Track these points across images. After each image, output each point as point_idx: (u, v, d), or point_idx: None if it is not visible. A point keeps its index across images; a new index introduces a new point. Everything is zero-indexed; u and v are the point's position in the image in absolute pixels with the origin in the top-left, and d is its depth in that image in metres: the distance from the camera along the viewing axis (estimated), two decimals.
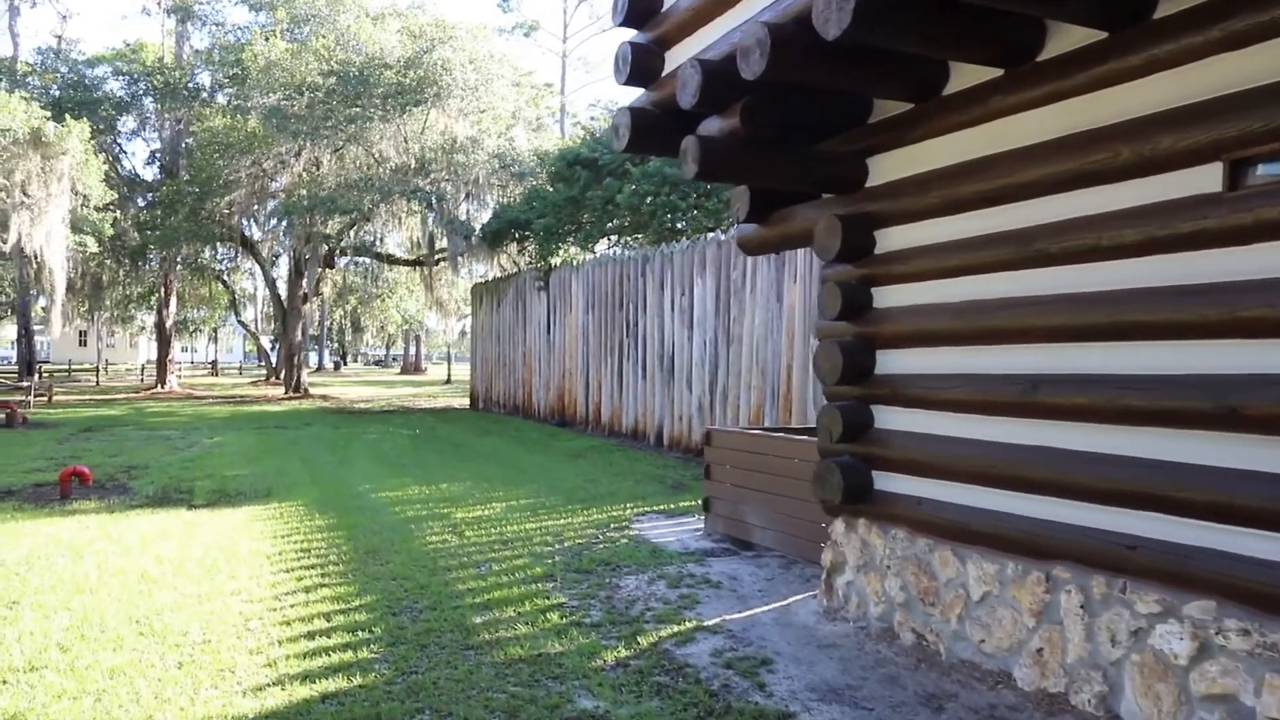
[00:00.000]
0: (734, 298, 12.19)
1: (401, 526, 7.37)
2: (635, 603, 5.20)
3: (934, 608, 4.39)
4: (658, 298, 14.18)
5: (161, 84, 24.67)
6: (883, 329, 4.83)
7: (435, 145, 21.32)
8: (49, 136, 16.01)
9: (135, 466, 11.29)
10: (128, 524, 7.45)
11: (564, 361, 17.80)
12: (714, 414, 12.56)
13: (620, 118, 5.18)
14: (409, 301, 39.06)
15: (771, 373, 11.35)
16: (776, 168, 4.83)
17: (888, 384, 4.80)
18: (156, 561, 6.07)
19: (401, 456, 12.69)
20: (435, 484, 9.90)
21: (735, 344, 12.12)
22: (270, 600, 5.19)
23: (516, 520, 7.71)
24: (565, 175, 18.43)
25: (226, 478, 10.36)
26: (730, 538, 6.88)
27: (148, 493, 9.29)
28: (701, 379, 12.86)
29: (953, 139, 4.38)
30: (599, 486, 9.73)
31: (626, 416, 15.13)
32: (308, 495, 9.09)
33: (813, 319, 10.63)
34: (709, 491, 7.17)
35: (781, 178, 4.96)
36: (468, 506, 8.43)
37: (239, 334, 65.99)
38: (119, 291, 32.71)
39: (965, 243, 4.32)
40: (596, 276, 16.35)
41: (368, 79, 20.23)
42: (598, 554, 6.35)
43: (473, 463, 11.95)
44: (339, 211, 20.46)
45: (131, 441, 14.36)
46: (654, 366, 14.20)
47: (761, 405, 11.51)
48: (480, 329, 23.41)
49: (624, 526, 7.43)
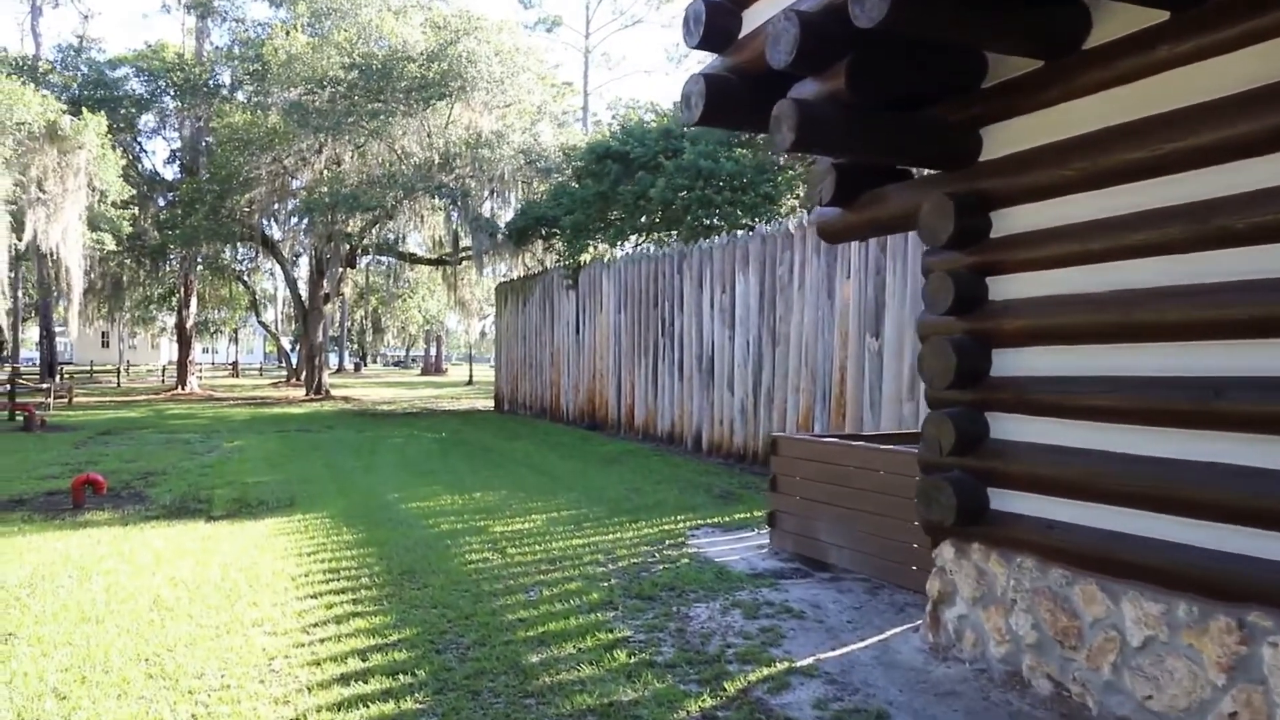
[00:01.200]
0: (780, 295, 11.52)
1: (436, 542, 6.77)
2: (711, 637, 4.56)
3: (1076, 651, 3.72)
4: (696, 295, 13.53)
5: (181, 80, 24.24)
6: (1002, 325, 4.17)
7: (459, 140, 20.75)
8: (65, 130, 15.53)
9: (152, 473, 10.76)
10: (141, 539, 6.88)
11: (594, 362, 17.19)
12: (758, 417, 11.90)
13: (692, 86, 4.52)
14: (430, 302, 38.56)
15: (822, 374, 10.68)
16: (884, 138, 4.18)
17: (1008, 388, 4.13)
18: (171, 584, 5.48)
19: (429, 462, 12.10)
20: (468, 493, 9.30)
21: (781, 344, 11.46)
22: (297, 633, 4.59)
23: (561, 535, 7.08)
24: (594, 170, 17.80)
25: (247, 485, 9.80)
26: (801, 557, 6.23)
27: (164, 502, 8.74)
28: (744, 381, 12.20)
29: (1098, 100, 3.71)
30: (643, 496, 9.10)
31: (662, 419, 14.49)
32: (333, 505, 8.51)
33: (868, 317, 9.96)
34: (775, 505, 6.52)
35: (887, 149, 4.31)
36: (505, 519, 7.81)
37: (259, 335, 65.92)
38: (139, 292, 32.40)
39: (1114, 222, 3.65)
40: (629, 274, 15.73)
41: (390, 72, 19.69)
42: (659, 576, 5.70)
43: (505, 469, 11.34)
44: (361, 209, 19.92)
45: (150, 445, 13.87)
46: (692, 367, 13.55)
47: (811, 408, 10.85)
48: (505, 329, 22.84)
49: (680, 543, 6.79)
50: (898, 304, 9.60)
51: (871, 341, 9.88)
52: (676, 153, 16.73)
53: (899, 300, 9.58)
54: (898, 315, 9.57)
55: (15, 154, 15.11)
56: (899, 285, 9.58)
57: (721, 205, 15.85)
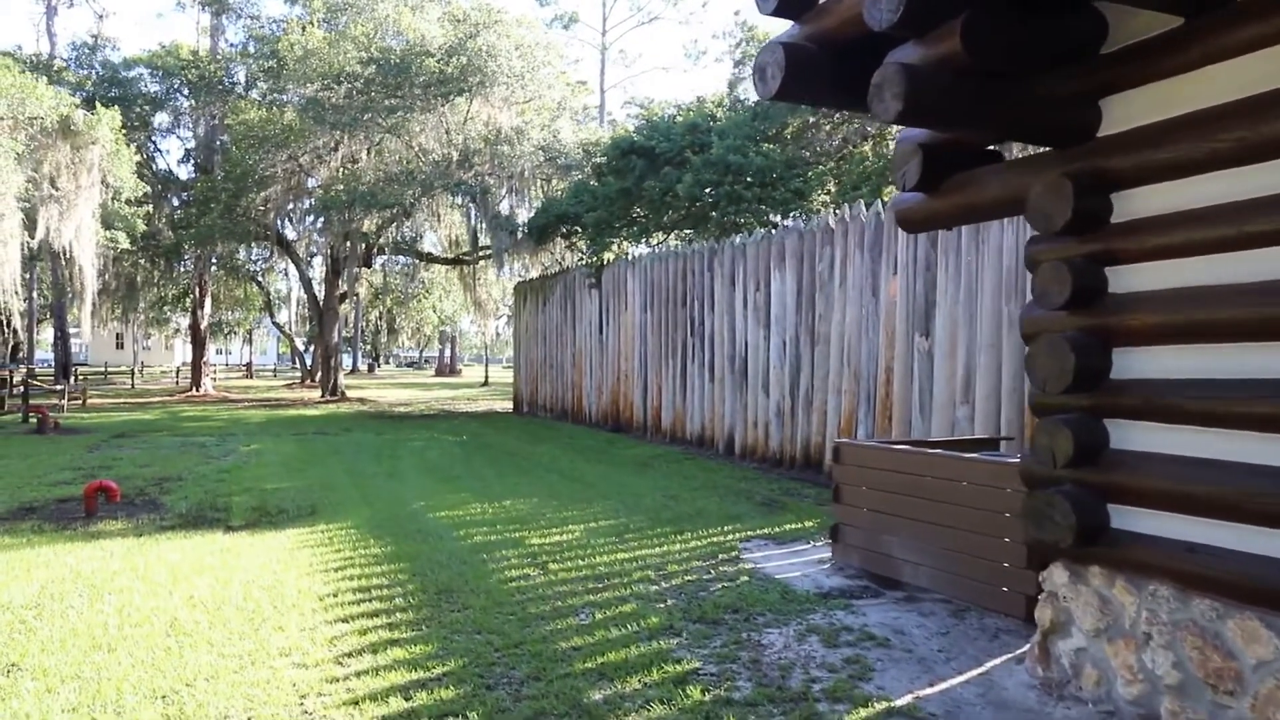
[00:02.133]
0: (820, 292, 11.03)
1: (471, 556, 6.31)
2: (791, 669, 4.08)
3: (1235, 698, 3.22)
4: (727, 293, 13.04)
5: (195, 78, 23.88)
6: (1126, 320, 3.67)
7: (478, 137, 20.31)
8: (78, 125, 15.13)
9: (168, 479, 10.35)
10: (157, 551, 6.45)
11: (618, 363, 16.72)
12: (795, 421, 11.40)
13: (769, 55, 4.03)
14: (446, 302, 38.19)
15: (867, 375, 10.18)
16: (996, 109, 3.70)
17: (1134, 391, 3.64)
18: (189, 604, 5.04)
19: (453, 467, 11.66)
20: (497, 500, 8.84)
21: (821, 343, 10.96)
22: (329, 664, 4.13)
23: (603, 548, 6.62)
24: (618, 166, 17.34)
25: (266, 492, 9.37)
26: (869, 573, 5.74)
27: (180, 510, 8.31)
28: (780, 382, 11.71)
29: (1254, 61, 3.22)
30: (682, 504, 8.62)
31: (691, 422, 14.01)
32: (358, 515, 8.06)
33: (917, 315, 9.45)
34: (839, 517, 6.04)
35: (998, 123, 3.82)
36: (541, 530, 7.35)
37: (273, 336, 65.76)
38: (154, 293, 32.12)
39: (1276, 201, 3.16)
40: (656, 272, 15.26)
41: (408, 67, 19.26)
42: (719, 596, 5.23)
43: (532, 474, 10.89)
44: (379, 206, 19.51)
45: (164, 449, 13.47)
46: (723, 368, 13.07)
47: (854, 412, 10.35)
48: (524, 329, 22.40)
49: (733, 557, 6.31)
50: (950, 301, 9.09)
51: (921, 341, 9.38)
52: (704, 147, 16.27)
53: (951, 298, 9.08)
54: (950, 313, 9.07)
55: (28, 149, 14.74)
56: (950, 282, 9.08)
57: (750, 201, 15.37)
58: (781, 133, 17.74)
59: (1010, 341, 8.26)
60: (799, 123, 17.72)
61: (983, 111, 3.69)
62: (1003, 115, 3.75)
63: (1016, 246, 8.26)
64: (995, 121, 3.80)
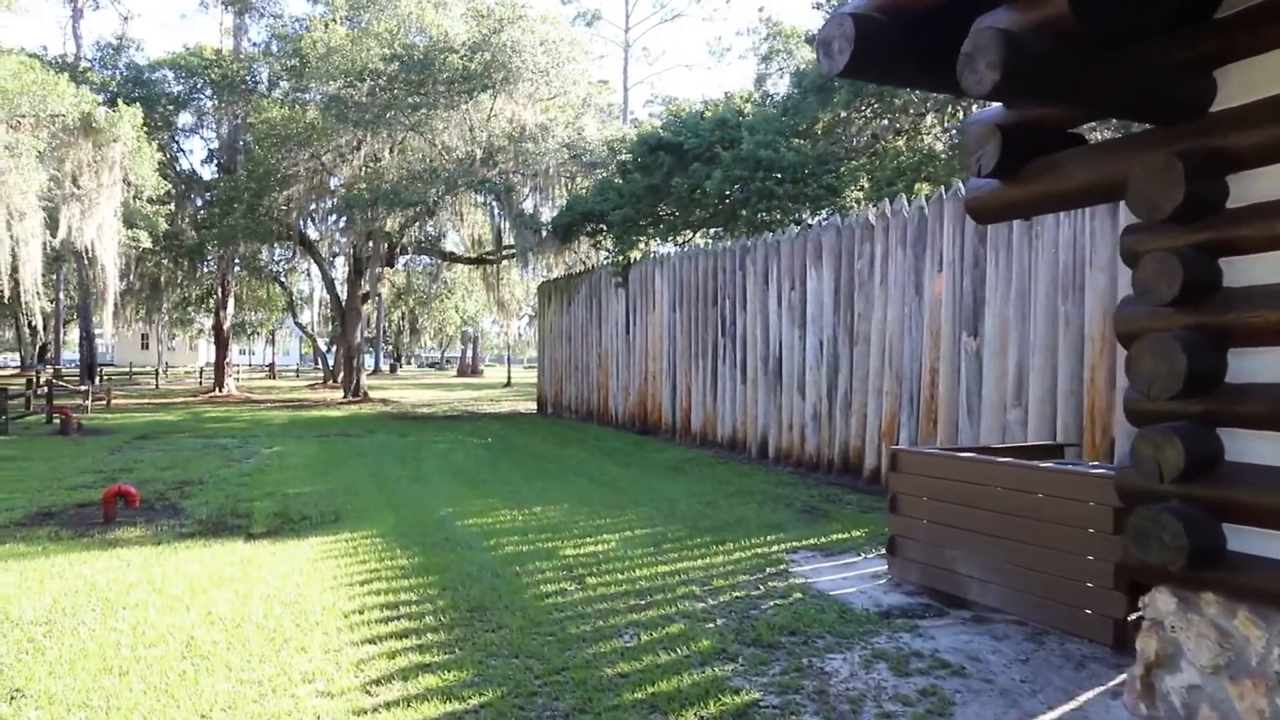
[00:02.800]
0: (859, 291, 10.62)
1: (503, 569, 5.97)
2: (862, 702, 3.71)
3: None
4: (760, 292, 12.66)
5: (218, 76, 23.74)
6: (1247, 318, 3.27)
7: (502, 134, 20.01)
8: (100, 122, 14.93)
9: (188, 482, 10.09)
10: (175, 562, 6.15)
11: (646, 364, 16.37)
12: (833, 423, 11.00)
13: (834, 29, 3.65)
14: (468, 302, 37.99)
15: (910, 376, 9.76)
16: (1102, 80, 3.30)
17: (1256, 398, 3.24)
18: (206, 622, 4.73)
19: (479, 471, 11.34)
20: (526, 507, 8.51)
21: (861, 343, 10.56)
22: (356, 693, 3.80)
23: (642, 560, 6.26)
24: (645, 162, 16.98)
25: (288, 497, 9.09)
26: (930, 589, 5.35)
27: (201, 516, 8.04)
28: (817, 384, 11.31)
29: None
30: (719, 511, 8.26)
31: (722, 425, 13.63)
32: (383, 522, 7.75)
33: (964, 313, 9.03)
34: (896, 529, 5.65)
35: (1103, 97, 3.42)
36: (575, 539, 7.00)
37: (296, 336, 65.94)
38: (177, 293, 32.11)
39: None
40: (685, 270, 14.89)
41: (431, 64, 18.98)
42: (772, 616, 4.85)
43: (561, 479, 10.55)
44: (403, 204, 19.24)
45: (186, 451, 13.26)
46: (756, 369, 12.68)
47: (896, 414, 9.93)
48: (549, 329, 22.10)
49: (781, 570, 5.94)
50: (1000, 300, 8.67)
51: (968, 341, 8.96)
52: (733, 143, 15.89)
53: (1001, 295, 8.65)
54: (1000, 312, 8.64)
55: (49, 147, 14.57)
56: (1001, 279, 8.65)
57: (782, 198, 14.97)
58: (811, 128, 17.32)
59: (1067, 342, 7.83)
60: (829, 118, 17.30)
61: (1085, 83, 3.29)
62: (1106, 87, 3.35)
63: (1074, 241, 7.83)
64: (1097, 94, 3.40)
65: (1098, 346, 7.50)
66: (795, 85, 16.74)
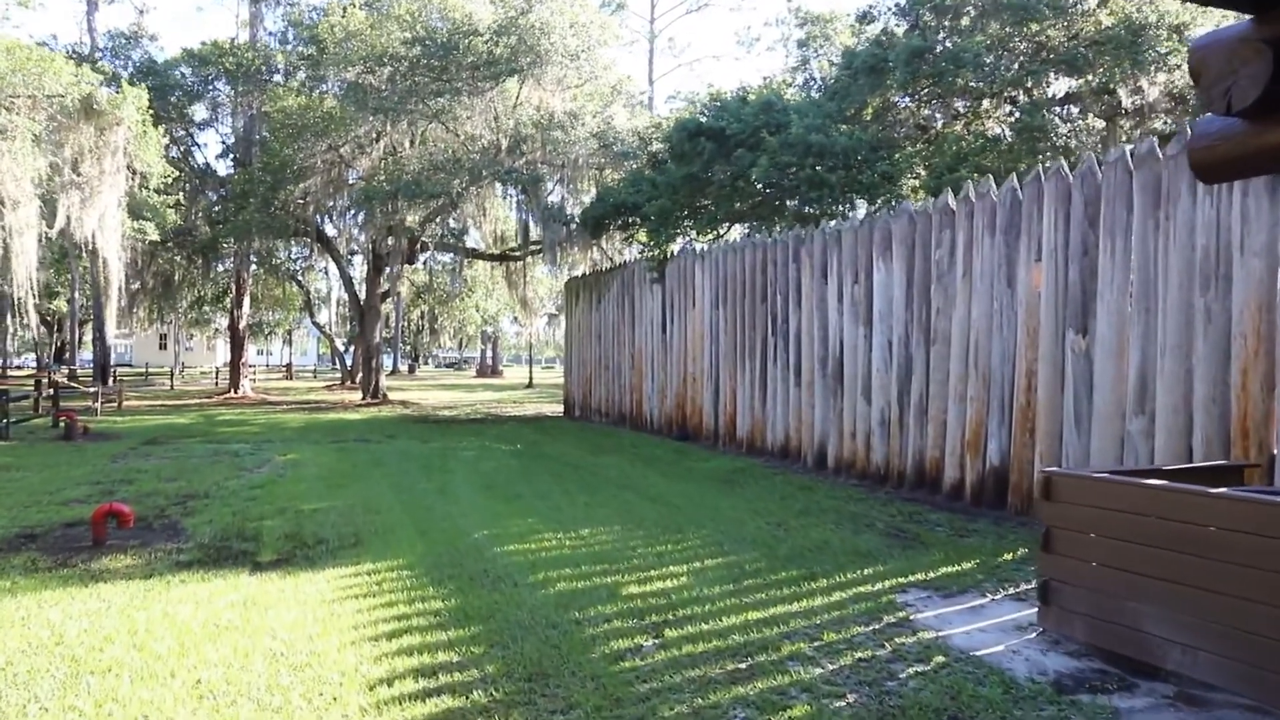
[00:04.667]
0: (936, 284, 9.51)
1: (559, 616, 4.91)
2: None
3: None
4: (818, 287, 11.56)
5: (233, 65, 22.81)
6: None
7: (529, 121, 18.97)
8: (101, 104, 13.90)
9: (193, 496, 9.10)
10: (165, 602, 5.13)
11: (684, 364, 15.30)
12: (905, 431, 9.90)
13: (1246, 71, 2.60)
14: (489, 301, 37.05)
15: (1000, 379, 8.64)
16: None
17: None
18: (193, 698, 3.70)
19: (512, 483, 10.30)
20: (572, 529, 7.45)
21: (939, 343, 9.44)
22: None
23: (725, 602, 5.19)
24: (683, 150, 15.88)
25: (302, 515, 8.07)
26: (1102, 650, 4.25)
27: (202, 539, 7.03)
28: (885, 387, 10.20)
29: None
30: (794, 534, 7.17)
31: (772, 431, 12.54)
32: (410, 549, 6.71)
33: (1071, 308, 7.91)
34: (1052, 572, 4.54)
35: None
36: (636, 572, 5.94)
37: (313, 336, 65.34)
38: (193, 292, 31.29)
39: None
40: (729, 264, 13.81)
41: (455, 47, 17.96)
42: (917, 691, 3.77)
43: (604, 492, 9.49)
44: (425, 195, 18.22)
45: (195, 458, 12.29)
46: (813, 371, 11.59)
47: (983, 422, 8.81)
48: (576, 328, 21.06)
49: (902, 620, 4.85)
50: (1115, 292, 7.54)
51: (1076, 339, 7.83)
52: (780, 127, 14.78)
53: (1117, 287, 7.53)
54: (1116, 306, 7.52)
55: (46, 130, 13.59)
56: (1118, 269, 7.53)
57: (834, 186, 13.85)
58: (859, 113, 16.21)
59: (1208, 342, 6.70)
60: (878, 102, 16.19)
61: None
62: None
63: (1216, 222, 6.70)
64: None
65: (1251, 346, 6.37)
66: (844, 67, 15.61)
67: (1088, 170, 7.78)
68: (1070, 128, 13.72)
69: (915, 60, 14.30)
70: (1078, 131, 13.86)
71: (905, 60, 14.22)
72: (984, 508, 8.67)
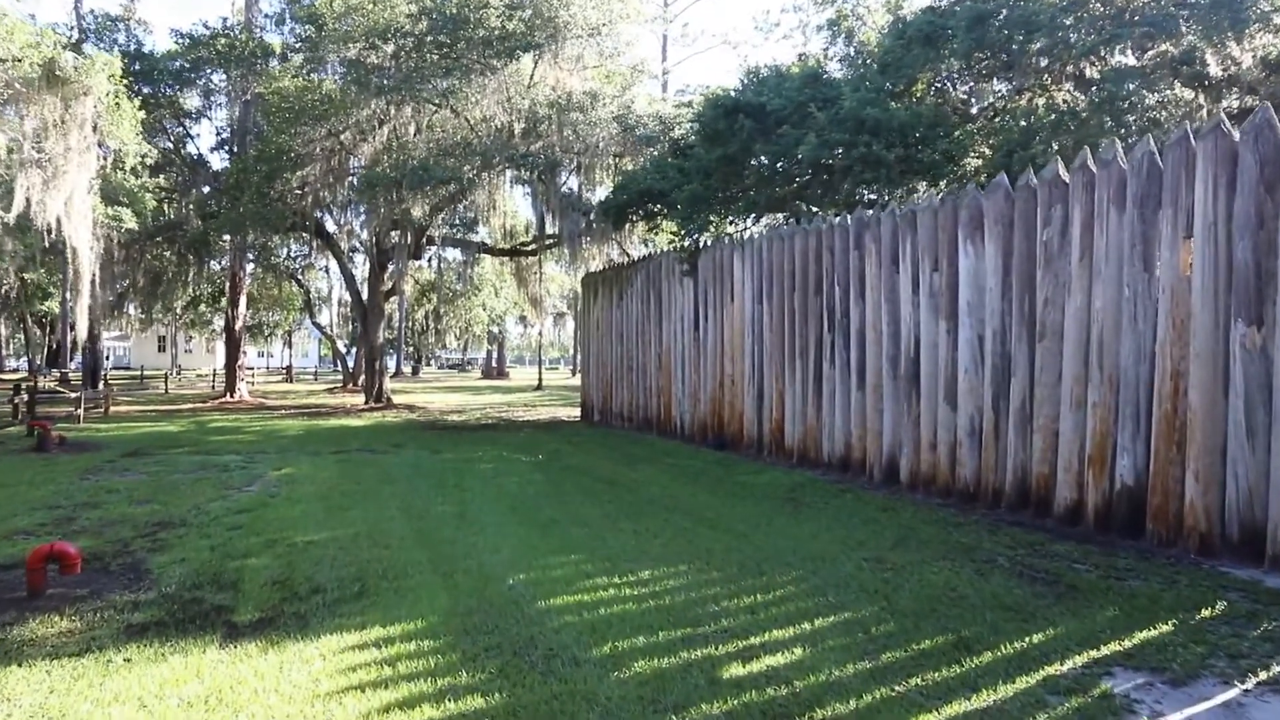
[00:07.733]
0: (1043, 269, 8.05)
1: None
2: None
3: None
4: (887, 276, 10.10)
5: (225, 47, 21.34)
6: None
7: (545, 102, 17.50)
8: (66, 71, 12.34)
9: (166, 524, 7.65)
10: (95, 703, 3.68)
11: (721, 365, 13.85)
12: (1001, 442, 8.44)
13: None
14: (496, 300, 35.59)
15: (1134, 382, 7.18)
16: None
17: None
18: None
19: (541, 504, 8.83)
20: (626, 569, 6.00)
21: (1049, 338, 7.97)
22: None
23: (871, 696, 3.74)
24: (717, 130, 14.40)
25: (295, 550, 6.62)
26: None
27: (168, 586, 5.59)
28: (975, 391, 8.74)
29: None
30: (907, 577, 5.72)
31: (829, 440, 11.08)
32: (431, 603, 5.25)
33: (1237, 293, 6.44)
34: None
35: None
36: (731, 640, 4.49)
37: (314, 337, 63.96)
38: (186, 291, 29.83)
39: None
40: (775, 254, 12.37)
41: (465, 20, 16.49)
42: None
43: (651, 516, 8.02)
44: (434, 180, 16.74)
45: (177, 474, 10.85)
46: (880, 372, 10.13)
47: (1109, 432, 7.35)
48: (595, 327, 19.62)
49: None
50: None
51: (1246, 333, 6.36)
52: (828, 102, 13.32)
53: None
54: None
55: (2, 100, 12.07)
56: None
57: (891, 165, 12.38)
58: (910, 89, 14.75)
59: None
60: (929, 75, 14.73)
61: None
62: None
63: None
64: None
65: None
66: (897, 36, 14.13)
67: (1264, 123, 6.32)
68: (1158, 98, 12.23)
69: (978, 26, 12.83)
70: (1165, 103, 12.37)
71: (968, 26, 12.75)
72: (1113, 535, 7.21)
